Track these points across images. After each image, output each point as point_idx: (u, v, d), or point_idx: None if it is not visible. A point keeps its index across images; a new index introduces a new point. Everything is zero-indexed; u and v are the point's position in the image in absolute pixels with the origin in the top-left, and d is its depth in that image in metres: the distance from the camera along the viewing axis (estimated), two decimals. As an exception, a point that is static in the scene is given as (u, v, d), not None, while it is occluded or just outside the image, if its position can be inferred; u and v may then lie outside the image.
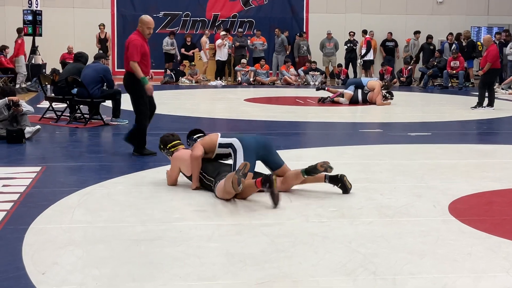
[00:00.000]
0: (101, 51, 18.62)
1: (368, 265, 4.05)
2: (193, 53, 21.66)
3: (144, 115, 7.68)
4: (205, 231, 4.76)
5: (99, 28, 20.84)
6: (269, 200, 5.44)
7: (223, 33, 21.01)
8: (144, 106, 7.67)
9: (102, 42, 20.64)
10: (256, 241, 4.52)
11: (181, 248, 4.33)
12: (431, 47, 21.81)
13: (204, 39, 21.25)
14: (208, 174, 5.88)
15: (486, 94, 13.88)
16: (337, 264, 4.06)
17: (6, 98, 8.96)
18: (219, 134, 6.09)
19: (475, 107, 13.86)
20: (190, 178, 6.07)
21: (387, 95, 14.71)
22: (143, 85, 7.51)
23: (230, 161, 5.99)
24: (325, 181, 5.96)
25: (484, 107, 13.81)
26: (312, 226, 4.93)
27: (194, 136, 6.42)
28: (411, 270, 3.98)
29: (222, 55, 20.84)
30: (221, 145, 5.96)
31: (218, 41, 20.73)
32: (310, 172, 5.83)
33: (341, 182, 5.92)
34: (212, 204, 5.50)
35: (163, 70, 20.79)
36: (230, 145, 5.90)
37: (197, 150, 5.93)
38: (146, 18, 7.63)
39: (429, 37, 21.82)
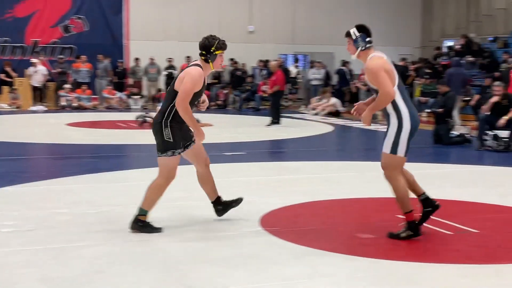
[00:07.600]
0: None
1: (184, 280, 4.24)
2: (12, 78, 21.24)
3: None
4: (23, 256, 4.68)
5: None
6: None
7: (34, 60, 21.22)
8: None
9: None
10: (74, 264, 4.54)
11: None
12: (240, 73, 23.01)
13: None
14: None
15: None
16: (155, 280, 4.22)
17: None
18: None
19: (269, 125, 15.57)
20: None
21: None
22: None
23: None
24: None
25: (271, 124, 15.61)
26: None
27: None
28: (224, 282, 4.22)
29: (35, 81, 20.95)
30: None
31: (30, 69, 20.95)
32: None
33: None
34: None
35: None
36: None
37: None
38: None
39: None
